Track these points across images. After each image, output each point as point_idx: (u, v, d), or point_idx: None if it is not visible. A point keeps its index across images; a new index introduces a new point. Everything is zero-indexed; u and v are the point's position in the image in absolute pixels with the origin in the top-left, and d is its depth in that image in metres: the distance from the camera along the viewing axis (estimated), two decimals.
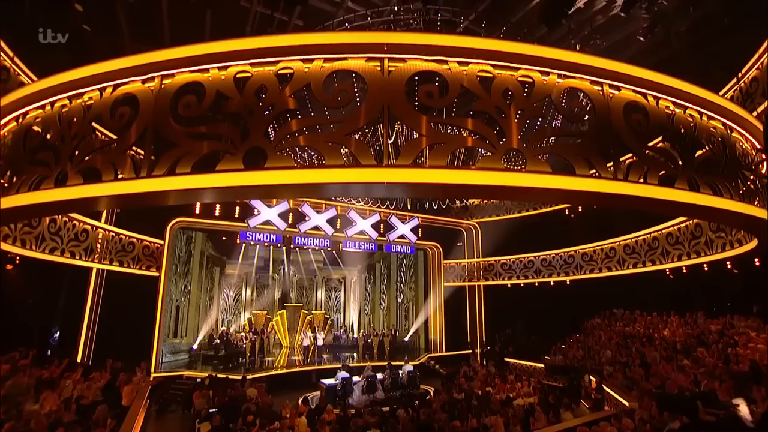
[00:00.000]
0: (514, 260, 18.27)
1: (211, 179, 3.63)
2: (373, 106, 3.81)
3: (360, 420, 8.10)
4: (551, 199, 4.42)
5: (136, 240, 13.32)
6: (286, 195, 4.55)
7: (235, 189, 3.71)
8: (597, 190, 3.84)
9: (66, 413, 7.11)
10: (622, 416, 6.84)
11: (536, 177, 3.75)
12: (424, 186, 3.71)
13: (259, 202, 14.58)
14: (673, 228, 12.05)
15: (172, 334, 15.32)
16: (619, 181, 3.93)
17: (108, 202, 3.92)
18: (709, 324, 12.00)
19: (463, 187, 3.78)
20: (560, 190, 3.81)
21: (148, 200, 4.05)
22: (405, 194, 4.88)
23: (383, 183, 3.54)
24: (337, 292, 22.62)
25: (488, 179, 3.67)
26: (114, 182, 3.73)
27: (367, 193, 4.52)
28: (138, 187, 3.66)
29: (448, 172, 3.69)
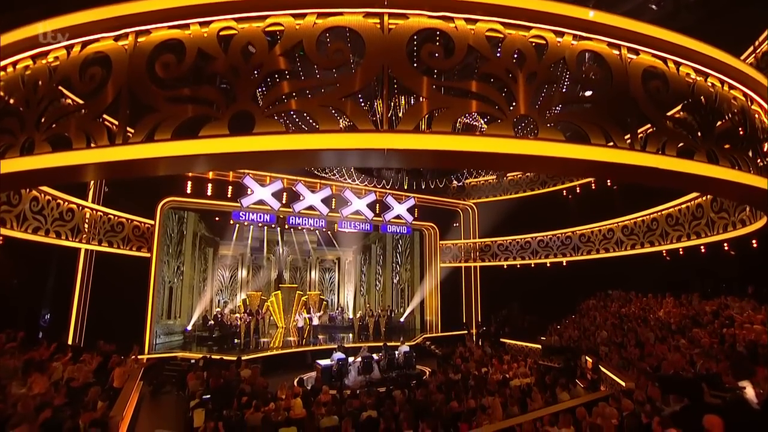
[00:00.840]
0: (510, 241, 18.18)
1: (194, 146, 3.29)
2: (372, 67, 3.47)
3: (356, 401, 8.02)
4: (563, 170, 4.15)
5: (125, 220, 12.95)
6: (277, 163, 4.24)
7: (221, 156, 3.38)
8: (613, 161, 3.56)
9: (56, 396, 6.92)
10: (621, 397, 6.79)
11: (548, 145, 3.46)
12: (426, 153, 3.40)
13: (252, 181, 14.22)
14: (673, 209, 11.90)
15: (165, 315, 15.15)
16: (636, 151, 3.65)
17: (80, 172, 3.59)
18: (704, 305, 12.02)
19: (470, 155, 3.49)
20: (574, 160, 3.53)
21: (124, 170, 3.71)
22: (405, 162, 4.56)
23: (382, 149, 3.24)
24: (331, 272, 22.51)
25: (497, 146, 3.37)
26: (86, 150, 3.39)
27: (364, 161, 4.19)
28: (113, 155, 3.32)
29: (454, 138, 3.39)
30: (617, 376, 9.17)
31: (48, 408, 6.10)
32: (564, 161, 3.55)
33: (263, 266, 20.44)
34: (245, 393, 8.36)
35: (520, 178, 18.91)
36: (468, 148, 3.39)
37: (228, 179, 14.84)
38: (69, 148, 3.42)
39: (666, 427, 4.30)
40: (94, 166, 3.40)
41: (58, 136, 3.51)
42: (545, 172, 5.84)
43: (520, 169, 4.50)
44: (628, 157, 3.58)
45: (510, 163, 3.76)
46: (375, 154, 3.44)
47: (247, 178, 14.13)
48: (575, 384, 9.48)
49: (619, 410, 5.98)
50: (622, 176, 4.26)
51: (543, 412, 6.52)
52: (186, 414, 7.70)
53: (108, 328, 11.23)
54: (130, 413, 8.13)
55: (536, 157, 3.49)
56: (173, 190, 14.04)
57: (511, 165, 3.90)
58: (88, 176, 3.75)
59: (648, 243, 13.09)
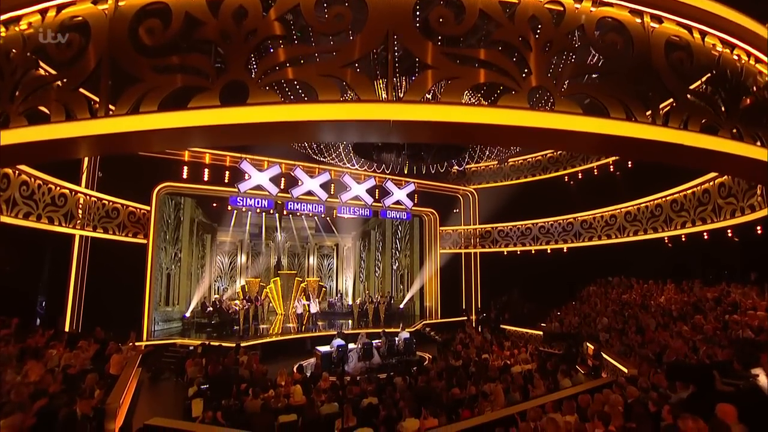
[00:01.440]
0: (511, 227, 18.03)
1: (183, 118, 3.03)
2: (375, 32, 3.19)
3: (356, 388, 7.93)
4: (581, 145, 3.89)
5: (120, 206, 12.70)
6: (273, 137, 3.97)
7: (212, 129, 3.11)
8: (633, 136, 3.31)
9: (52, 383, 6.79)
10: (625, 384, 6.70)
11: (565, 118, 3.21)
12: (434, 126, 3.15)
13: (250, 166, 13.94)
14: (679, 195, 11.69)
15: (163, 302, 15.03)
16: (657, 126, 3.41)
17: (59, 148, 3.32)
18: (706, 292, 11.93)
19: (481, 129, 3.23)
20: (592, 135, 3.28)
21: (107, 145, 3.45)
22: (411, 136, 4.28)
23: (387, 121, 2.99)
24: (329, 258, 22.39)
25: (510, 118, 3.12)
26: (65, 123, 3.12)
27: (367, 135, 3.92)
28: (95, 129, 3.06)
29: (464, 109, 3.13)
30: (619, 363, 9.11)
31: (43, 396, 5.98)
32: (581, 136, 3.30)
33: (262, 252, 20.29)
34: (244, 380, 8.27)
35: (521, 164, 18.66)
36: (479, 120, 3.14)
37: (225, 164, 14.56)
38: (47, 122, 3.16)
39: (676, 414, 4.17)
40: (74, 140, 3.13)
41: (36, 110, 3.24)
42: (561, 147, 5.52)
43: (535, 143, 4.22)
44: (649, 132, 3.35)
45: (524, 138, 3.49)
46: (379, 126, 3.18)
47: (244, 163, 13.84)
48: (577, 370, 9.43)
49: (623, 397, 5.88)
50: (643, 153, 4.00)
51: (547, 398, 6.43)
52: (185, 401, 7.60)
53: (106, 315, 11.09)
54: (128, 400, 8.05)
55: (552, 131, 3.24)
56: (169, 175, 13.77)
57: (526, 139, 3.63)
58: (68, 152, 3.49)
59: (651, 229, 12.93)
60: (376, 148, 11.00)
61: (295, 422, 6.39)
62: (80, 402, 6.09)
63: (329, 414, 6.72)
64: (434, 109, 3.14)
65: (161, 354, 11.94)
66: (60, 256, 11.38)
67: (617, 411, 4.78)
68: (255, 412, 6.63)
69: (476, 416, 6.29)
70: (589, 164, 16.39)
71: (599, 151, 4.66)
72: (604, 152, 4.56)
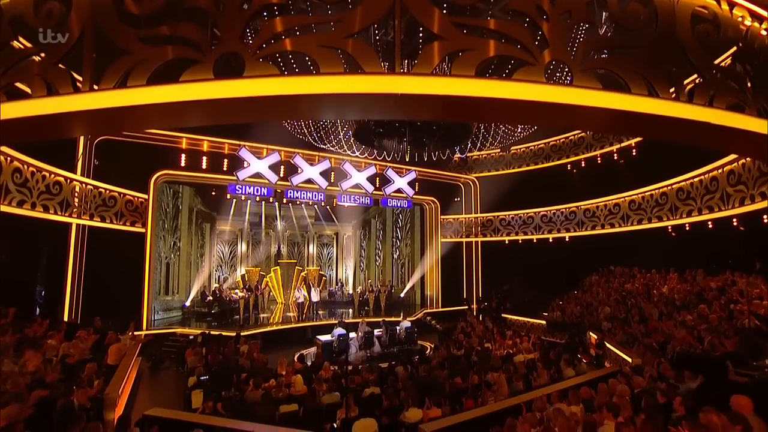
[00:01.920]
0: (513, 216, 17.87)
1: (174, 92, 2.83)
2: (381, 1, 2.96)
3: (358, 377, 7.85)
4: (600, 122, 3.64)
5: (117, 194, 12.51)
6: (272, 113, 3.72)
7: (205, 104, 2.90)
8: (655, 113, 3.10)
9: (49, 372, 6.69)
10: (632, 374, 6.60)
11: (585, 93, 3.00)
12: (445, 100, 2.93)
13: (249, 153, 13.69)
14: (685, 183, 11.49)
15: (163, 291, 14.93)
16: (681, 103, 3.20)
17: (41, 125, 3.09)
18: (709, 281, 11.81)
19: (495, 103, 3.02)
20: (612, 111, 3.06)
21: (93, 121, 3.20)
22: (419, 112, 4.04)
23: (395, 94, 2.78)
24: (329, 247, 22.27)
25: (526, 93, 2.91)
26: (47, 98, 2.90)
27: (371, 111, 3.69)
28: (79, 104, 2.83)
29: (477, 82, 2.92)
30: (623, 352, 9.02)
31: (41, 386, 5.88)
32: (601, 112, 3.08)
33: (262, 241, 20.16)
34: (245, 369, 8.19)
35: (523, 152, 18.43)
36: (493, 94, 2.92)
37: (223, 152, 14.33)
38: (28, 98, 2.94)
39: (688, 406, 4.05)
40: (57, 117, 2.91)
41: (14, 86, 3.02)
42: (578, 125, 5.22)
43: (552, 121, 3.94)
44: (672, 109, 3.14)
45: (540, 114, 3.25)
46: (385, 100, 2.96)
47: (243, 150, 13.60)
48: (580, 360, 9.36)
49: (630, 387, 5.78)
50: (666, 132, 3.75)
51: (552, 388, 6.34)
52: (185, 391, 7.52)
53: (105, 305, 11.00)
54: (128, 390, 7.98)
55: (570, 107, 3.03)
56: (167, 163, 13.56)
57: (542, 116, 3.38)
58: (51, 131, 3.26)
59: (656, 218, 12.76)
60: (377, 134, 10.76)
61: (296, 412, 6.31)
62: (77, 392, 6.00)
63: (330, 404, 6.64)
64: (444, 82, 2.92)
65: (161, 343, 11.88)
66: (57, 245, 11.22)
67: (626, 402, 4.67)
68: (256, 402, 6.55)
69: (480, 406, 6.21)
70: (592, 152, 16.18)
71: (619, 130, 4.41)
72: (624, 131, 4.32)
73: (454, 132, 10.93)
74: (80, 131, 3.57)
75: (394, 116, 4.75)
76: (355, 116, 7.29)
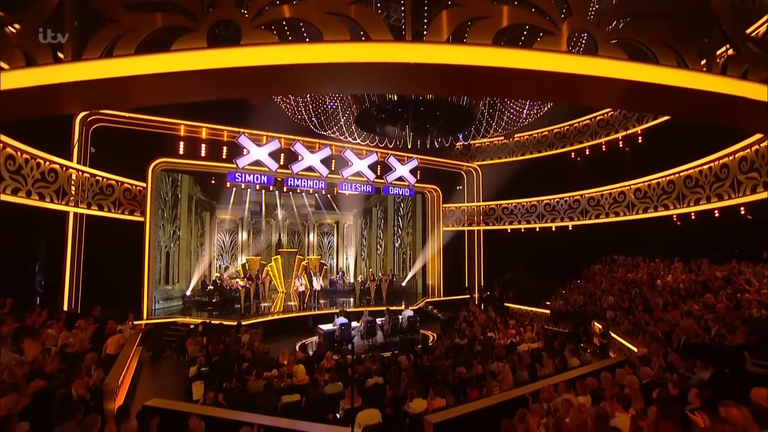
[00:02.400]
0: (516, 204, 17.69)
1: (165, 61, 2.60)
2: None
3: (360, 366, 7.77)
4: (624, 97, 3.35)
5: (115, 182, 12.31)
6: (271, 86, 3.45)
7: (199, 75, 2.67)
8: (685, 86, 2.87)
9: (49, 362, 6.60)
10: (638, 364, 6.50)
11: (610, 63, 2.77)
12: (461, 70, 2.69)
13: (248, 141, 13.46)
14: (693, 170, 11.25)
15: (163, 280, 14.83)
16: (714, 75, 2.96)
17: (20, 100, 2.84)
18: (714, 270, 11.68)
19: (514, 74, 2.78)
20: (639, 84, 2.83)
21: (76, 95, 2.94)
22: (430, 85, 3.76)
23: (405, 63, 2.55)
24: (330, 236, 22.13)
25: (547, 63, 2.69)
26: (25, 70, 2.66)
27: (377, 84, 3.45)
28: (61, 75, 2.58)
29: (496, 50, 2.68)
30: (628, 342, 8.93)
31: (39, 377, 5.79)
32: (627, 86, 2.85)
33: (262, 230, 20.02)
34: (246, 359, 8.11)
35: (527, 140, 18.17)
36: (513, 64, 2.69)
37: (222, 139, 14.08)
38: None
39: (704, 398, 3.93)
40: (37, 90, 2.68)
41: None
42: (602, 101, 4.81)
43: (572, 95, 3.59)
44: (705, 82, 2.90)
45: (561, 87, 3.00)
46: (393, 71, 2.72)
47: (242, 137, 13.36)
48: (584, 350, 9.29)
49: (638, 378, 5.67)
50: (697, 109, 3.47)
51: (559, 378, 6.24)
52: (186, 381, 7.44)
53: (105, 294, 10.90)
54: (129, 380, 7.91)
55: (594, 79, 2.80)
56: (165, 151, 13.32)
57: (563, 89, 3.11)
58: (32, 106, 3.02)
59: (662, 206, 12.56)
60: (379, 120, 10.50)
61: (299, 402, 6.22)
62: (76, 382, 5.91)
63: (333, 394, 6.55)
64: (460, 51, 2.67)
65: (162, 333, 11.82)
66: (55, 234, 11.06)
67: (638, 393, 4.56)
68: (258, 392, 6.46)
69: (485, 396, 6.12)
70: (597, 140, 15.93)
71: (645, 105, 4.06)
72: (650, 107, 3.97)
73: (458, 118, 10.66)
74: (63, 106, 3.30)
75: (403, 90, 4.44)
76: (360, 89, 6.86)
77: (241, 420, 4.76)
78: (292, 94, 9.14)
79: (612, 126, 15.42)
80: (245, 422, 4.61)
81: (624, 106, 8.61)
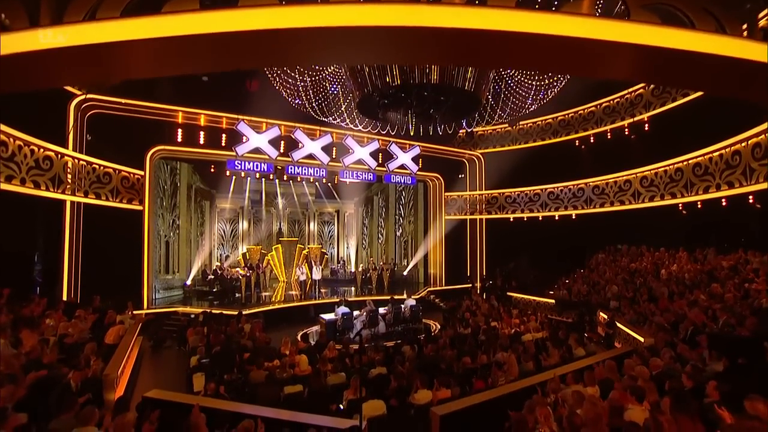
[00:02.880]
0: (519, 193, 17.48)
1: (153, 25, 2.35)
2: None
3: (364, 356, 7.66)
4: (653, 69, 3.04)
5: (112, 170, 12.08)
6: (269, 54, 3.17)
7: (192, 40, 2.43)
8: (724, 53, 2.63)
9: (47, 353, 6.49)
10: (648, 354, 6.38)
11: (641, 28, 2.51)
12: (481, 36, 2.45)
13: (247, 127, 13.19)
14: (703, 158, 11.01)
15: (163, 270, 14.71)
16: (756, 41, 2.71)
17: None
18: (720, 260, 11.53)
19: (539, 41, 2.53)
20: (674, 52, 2.57)
21: (55, 63, 2.67)
22: (447, 54, 3.45)
23: (420, 28, 2.32)
24: (330, 225, 21.97)
25: (574, 28, 2.43)
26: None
27: (383, 52, 3.18)
28: (38, 42, 2.34)
29: (519, 13, 2.43)
30: (634, 332, 8.82)
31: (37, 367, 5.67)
32: (661, 53, 2.59)
33: (263, 219, 19.85)
34: (247, 349, 8.00)
35: (530, 127, 17.88)
36: (537, 29, 2.43)
37: (221, 126, 13.82)
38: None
39: (723, 390, 3.79)
40: (11, 59, 2.43)
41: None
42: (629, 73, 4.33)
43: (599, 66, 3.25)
44: (746, 50, 2.64)
45: (588, 56, 2.73)
46: (406, 36, 2.47)
47: (241, 124, 13.08)
48: (589, 340, 9.18)
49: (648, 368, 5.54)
50: (735, 81, 3.16)
51: (566, 368, 6.12)
52: (187, 371, 7.35)
53: (105, 283, 10.77)
54: (129, 370, 7.82)
55: (625, 46, 2.55)
56: (162, 138, 13.06)
57: (589, 59, 2.83)
58: (7, 79, 2.76)
59: (669, 195, 12.35)
60: (382, 106, 10.23)
61: (301, 393, 6.12)
62: (74, 373, 5.81)
63: (336, 384, 6.44)
64: (481, 13, 2.42)
65: (162, 322, 11.74)
66: (53, 222, 10.88)
67: (651, 385, 4.42)
68: (260, 382, 6.36)
69: (490, 386, 6.01)
70: (602, 127, 15.65)
71: (677, 78, 3.62)
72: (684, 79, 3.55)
73: (462, 103, 10.39)
74: (43, 79, 3.01)
75: (416, 59, 4.09)
76: (368, 60, 6.44)
77: (243, 412, 4.65)
78: (293, 64, 8.58)
79: (618, 113, 15.14)
80: (247, 414, 4.49)
81: (654, 79, 7.44)
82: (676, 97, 12.73)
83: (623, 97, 14.84)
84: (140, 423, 4.39)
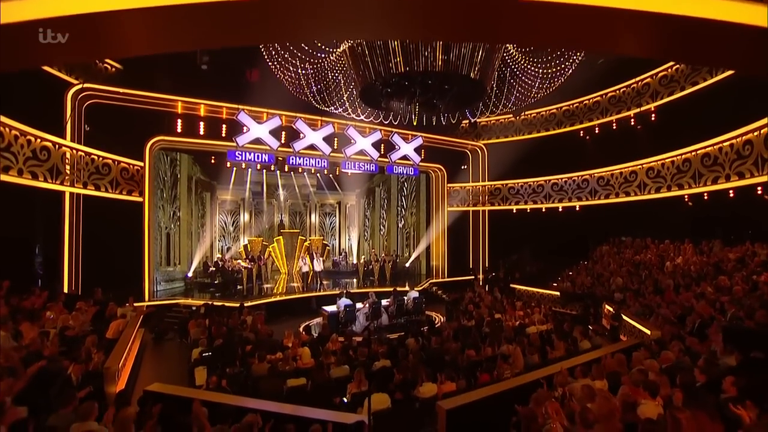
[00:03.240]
0: (522, 184, 17.30)
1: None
2: None
3: (366, 349, 7.58)
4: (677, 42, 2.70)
5: (111, 161, 11.93)
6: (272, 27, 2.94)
7: (182, 10, 2.24)
8: (759, 24, 2.39)
9: (48, 346, 6.42)
10: (655, 347, 6.28)
11: None
12: (493, 4, 2.25)
13: (248, 117, 12.98)
14: (712, 148, 10.79)
15: (164, 262, 14.63)
16: None
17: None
18: (727, 252, 11.39)
19: (555, 9, 2.32)
20: (701, 21, 2.33)
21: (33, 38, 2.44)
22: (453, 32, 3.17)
23: None
24: (332, 217, 21.84)
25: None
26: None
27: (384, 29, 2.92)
28: (9, 11, 2.14)
29: None
30: (640, 325, 8.72)
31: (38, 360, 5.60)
32: (684, 23, 2.33)
33: (264, 211, 19.72)
34: (249, 341, 7.93)
35: (534, 118, 17.62)
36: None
37: (221, 116, 13.60)
38: None
39: (741, 386, 3.67)
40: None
41: None
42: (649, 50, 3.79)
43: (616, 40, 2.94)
44: None
45: (604, 26, 2.45)
46: (416, 5, 2.27)
47: (241, 114, 12.88)
48: (594, 332, 9.09)
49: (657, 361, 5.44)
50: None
51: (572, 362, 6.03)
52: (189, 364, 7.28)
53: (106, 275, 10.70)
54: (131, 362, 7.76)
55: (645, 15, 2.31)
56: (162, 129, 12.86)
57: (605, 30, 2.53)
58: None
59: (676, 186, 12.16)
60: (385, 94, 10.01)
61: (305, 386, 6.05)
62: (74, 366, 5.74)
63: (340, 377, 6.37)
64: None
65: (164, 314, 11.69)
66: (52, 214, 10.76)
67: (664, 380, 4.32)
68: (262, 375, 6.29)
69: (496, 379, 5.92)
70: (607, 117, 15.39)
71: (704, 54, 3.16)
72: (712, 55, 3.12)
73: (467, 92, 10.16)
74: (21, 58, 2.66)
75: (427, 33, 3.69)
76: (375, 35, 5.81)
77: (246, 406, 4.56)
78: (300, 38, 8.01)
79: (624, 103, 14.87)
80: (250, 408, 4.40)
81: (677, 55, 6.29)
82: (684, 86, 12.46)
83: (629, 87, 14.56)
84: (141, 417, 4.32)
